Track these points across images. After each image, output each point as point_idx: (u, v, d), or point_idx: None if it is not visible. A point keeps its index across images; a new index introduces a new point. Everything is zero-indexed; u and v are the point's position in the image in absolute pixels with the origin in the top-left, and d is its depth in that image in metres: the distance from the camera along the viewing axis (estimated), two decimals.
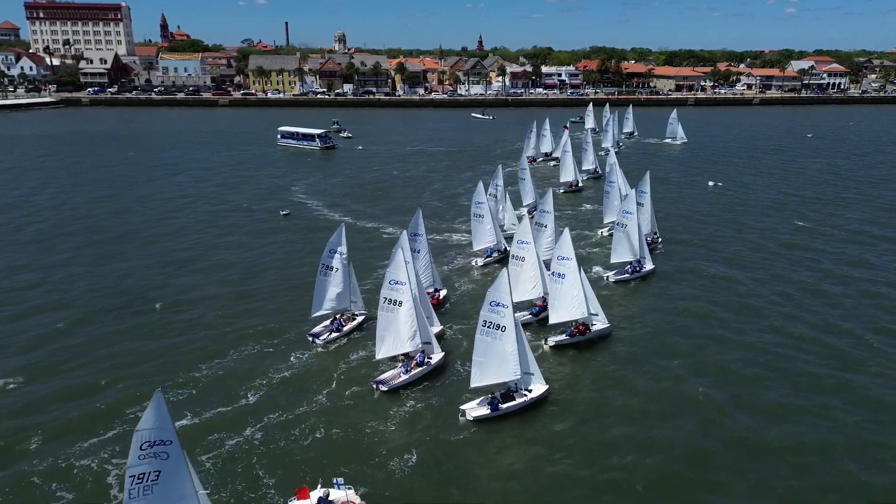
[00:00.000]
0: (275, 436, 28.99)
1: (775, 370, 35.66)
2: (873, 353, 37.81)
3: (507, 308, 30.55)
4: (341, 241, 37.94)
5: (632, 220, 48.41)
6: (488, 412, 30.50)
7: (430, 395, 32.80)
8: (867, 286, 47.98)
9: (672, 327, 40.90)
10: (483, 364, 31.04)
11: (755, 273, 50.65)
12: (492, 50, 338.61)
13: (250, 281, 48.22)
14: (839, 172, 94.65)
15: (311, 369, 35.12)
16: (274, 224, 64.02)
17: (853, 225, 64.97)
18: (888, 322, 41.81)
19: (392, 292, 33.71)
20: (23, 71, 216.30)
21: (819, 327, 40.97)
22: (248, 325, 40.10)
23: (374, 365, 34.86)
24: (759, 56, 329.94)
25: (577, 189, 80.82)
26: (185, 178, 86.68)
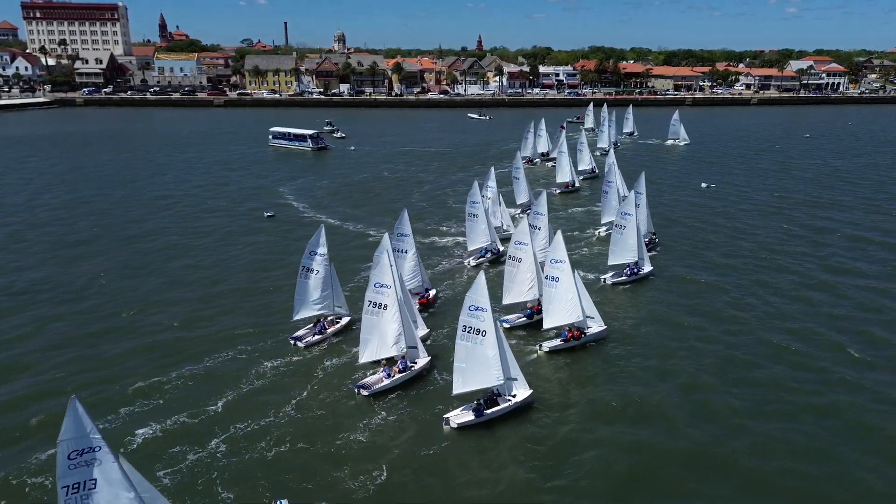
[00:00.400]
0: (241, 447, 27.91)
1: (771, 377, 34.80)
2: (874, 360, 36.96)
3: (487, 312, 29.84)
4: (321, 242, 37.40)
5: (630, 221, 47.76)
6: (473, 418, 29.66)
7: (413, 401, 31.98)
8: (857, 292, 47.05)
9: (668, 332, 39.98)
10: (465, 370, 30.32)
11: (748, 277, 49.61)
12: (491, 50, 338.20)
13: (228, 284, 47.23)
14: (835, 173, 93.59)
15: (289, 374, 34.20)
16: (257, 225, 63.03)
17: (846, 229, 63.86)
18: (878, 329, 40.87)
19: (377, 295, 33.22)
20: (17, 71, 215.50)
21: (814, 334, 40.04)
22: (225, 330, 39.10)
23: (357, 369, 34.12)
24: (759, 56, 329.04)
25: (574, 189, 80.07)
26: (170, 179, 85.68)
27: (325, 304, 38.20)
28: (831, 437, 29.61)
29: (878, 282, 48.94)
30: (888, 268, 52.06)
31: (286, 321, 38.65)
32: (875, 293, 46.59)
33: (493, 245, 52.39)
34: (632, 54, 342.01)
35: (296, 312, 37.74)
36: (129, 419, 29.70)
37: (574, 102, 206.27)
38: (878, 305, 44.45)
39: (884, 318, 42.34)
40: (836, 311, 43.34)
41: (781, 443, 29.08)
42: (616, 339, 38.84)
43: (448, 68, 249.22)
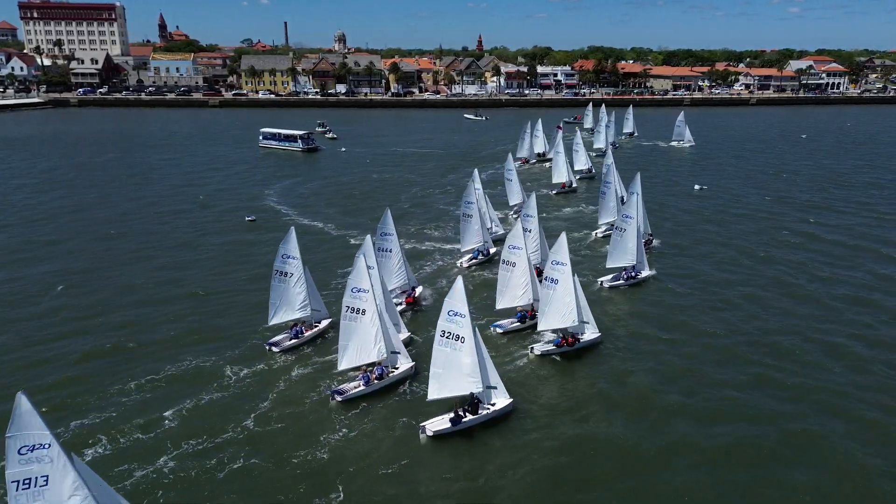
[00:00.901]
0: (201, 457, 26.94)
1: (766, 387, 33.73)
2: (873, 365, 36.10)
3: (465, 318, 29.13)
4: (293, 245, 36.74)
5: (631, 224, 46.95)
6: (449, 427, 28.66)
7: (390, 408, 31.12)
8: (852, 295, 46.20)
9: (662, 339, 38.98)
10: (441, 376, 29.53)
11: (748, 283, 48.65)
12: (491, 50, 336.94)
13: (203, 288, 46.08)
14: (829, 176, 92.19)
15: (261, 381, 33.24)
16: (237, 229, 61.88)
17: (835, 235, 62.62)
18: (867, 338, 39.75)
19: (355, 300, 32.45)
20: (12, 71, 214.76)
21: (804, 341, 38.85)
22: (195, 336, 38.04)
23: (334, 375, 33.15)
24: (760, 56, 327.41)
25: (571, 190, 79.38)
26: (150, 181, 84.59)
27: (301, 308, 37.44)
28: (838, 446, 28.77)
29: (876, 283, 48.26)
30: (883, 273, 51.04)
31: (262, 326, 37.83)
32: (870, 294, 46.11)
33: (485, 246, 52.03)
34: (631, 54, 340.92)
35: (271, 317, 37.03)
36: (78, 431, 28.60)
37: (572, 103, 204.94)
38: (876, 306, 43.94)
39: (882, 320, 41.80)
40: (834, 315, 42.64)
41: (782, 457, 28.07)
42: (609, 345, 37.97)
43: (446, 68, 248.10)
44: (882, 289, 47.51)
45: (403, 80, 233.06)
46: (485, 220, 53.72)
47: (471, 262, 51.30)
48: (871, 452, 28.41)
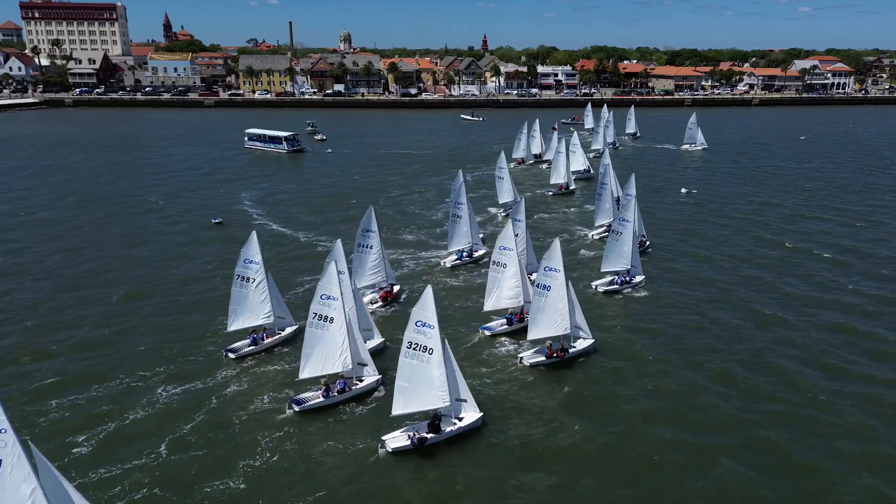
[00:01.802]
0: (138, 470, 26.12)
1: (759, 400, 32.55)
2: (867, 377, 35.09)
3: (434, 329, 28.15)
4: (254, 249, 36.04)
5: (628, 228, 46.58)
6: (409, 444, 27.55)
7: (350, 420, 30.22)
8: (847, 302, 45.22)
9: (655, 346, 38.35)
10: (407, 390, 28.36)
11: (738, 288, 48.00)
12: (496, 49, 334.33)
13: (158, 293, 45.22)
14: (823, 179, 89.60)
15: (215, 388, 32.40)
16: (202, 232, 60.45)
17: (824, 244, 60.32)
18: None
19: (323, 307, 31.63)
20: (9, 71, 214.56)
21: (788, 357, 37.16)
22: (147, 342, 37.26)
23: (293, 384, 32.29)
24: (767, 55, 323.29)
25: (569, 192, 78.67)
26: (126, 182, 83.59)
27: (263, 314, 36.61)
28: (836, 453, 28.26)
29: (869, 289, 47.30)
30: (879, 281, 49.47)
31: (221, 332, 37.06)
32: (862, 301, 45.53)
33: (472, 248, 52.14)
34: (635, 54, 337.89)
35: (230, 323, 36.28)
36: None
37: (571, 103, 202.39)
38: (872, 312, 43.54)
39: (880, 324, 41.49)
40: (831, 320, 42.01)
41: (779, 471, 27.13)
42: (601, 353, 37.10)
43: (446, 68, 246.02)
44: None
45: (402, 80, 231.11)
46: (473, 223, 53.31)
47: (454, 263, 51.25)
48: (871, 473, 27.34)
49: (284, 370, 34.38)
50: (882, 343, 38.90)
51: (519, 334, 38.17)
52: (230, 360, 34.92)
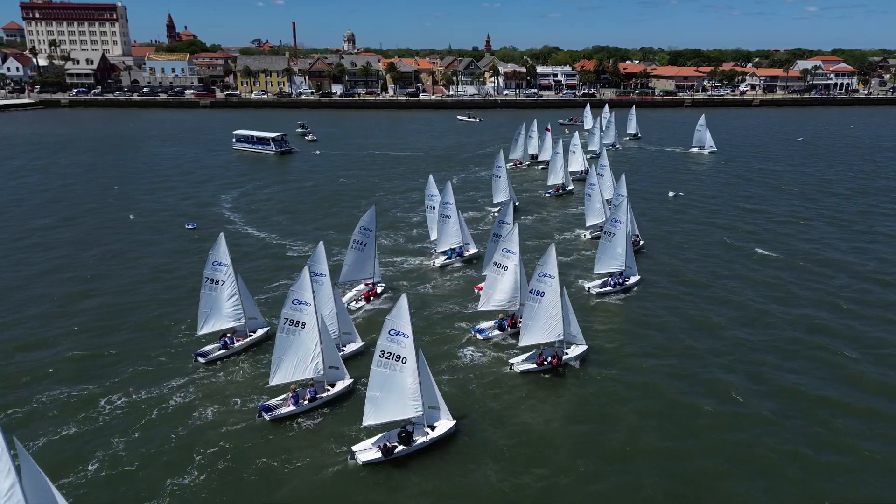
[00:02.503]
0: (99, 481, 25.43)
1: (753, 411, 31.61)
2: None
3: (408, 338, 27.56)
4: (222, 251, 35.69)
5: (620, 229, 46.08)
6: (380, 457, 26.80)
7: (322, 428, 29.53)
8: (845, 308, 44.25)
9: (648, 350, 37.70)
10: (379, 399, 27.77)
11: (735, 289, 47.50)
12: (500, 50, 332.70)
13: (125, 297, 44.41)
14: (816, 183, 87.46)
15: (183, 394, 31.96)
16: (175, 237, 59.31)
17: (811, 255, 58.80)
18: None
19: (294, 313, 30.99)
20: (8, 71, 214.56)
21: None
22: (113, 347, 36.70)
23: (262, 390, 31.86)
24: (770, 55, 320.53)
25: (567, 192, 78.22)
26: (105, 184, 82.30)
27: (233, 317, 36.17)
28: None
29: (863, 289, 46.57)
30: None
31: (190, 337, 36.82)
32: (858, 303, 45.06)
33: (463, 247, 52.14)
34: (637, 54, 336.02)
35: (200, 326, 35.81)
36: None
37: (570, 103, 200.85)
38: (874, 317, 42.85)
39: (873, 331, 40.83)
40: (829, 326, 41.22)
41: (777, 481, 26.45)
42: (592, 359, 36.36)
43: (445, 69, 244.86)
44: None
45: (401, 80, 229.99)
46: (463, 223, 53.46)
47: (445, 262, 51.24)
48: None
49: (254, 375, 33.87)
50: (881, 345, 38.55)
51: (514, 344, 37.36)
52: (200, 365, 34.51)
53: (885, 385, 33.98)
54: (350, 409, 30.65)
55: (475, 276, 48.16)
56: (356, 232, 43.34)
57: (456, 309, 42.97)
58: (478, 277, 47.08)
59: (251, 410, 30.45)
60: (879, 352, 37.67)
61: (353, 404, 30.77)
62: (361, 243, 43.33)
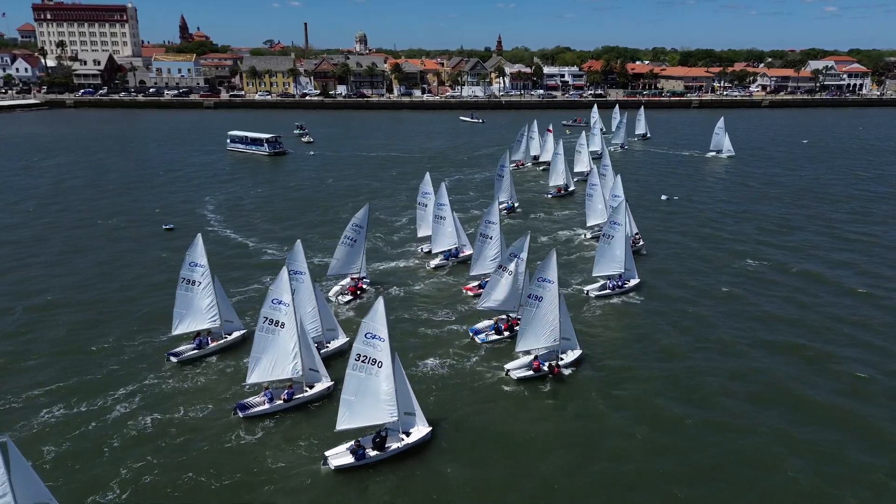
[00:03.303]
0: (64, 480, 25.24)
1: (752, 422, 30.78)
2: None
3: (384, 342, 27.30)
4: (199, 251, 35.83)
5: (619, 231, 45.58)
6: (352, 461, 26.60)
7: (296, 430, 29.29)
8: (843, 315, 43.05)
9: (645, 356, 36.87)
10: (353, 404, 27.51)
11: (737, 293, 46.57)
12: (511, 50, 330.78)
13: (96, 297, 44.34)
14: (815, 189, 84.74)
15: (152, 393, 32.00)
16: (151, 238, 58.74)
17: (819, 264, 56.99)
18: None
19: (273, 312, 31.13)
20: (17, 71, 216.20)
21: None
22: (87, 347, 36.78)
23: (239, 388, 32.02)
24: (783, 56, 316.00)
25: (569, 193, 77.95)
26: (91, 183, 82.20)
27: (209, 317, 36.20)
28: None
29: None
30: None
31: (165, 336, 36.84)
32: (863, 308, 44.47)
33: (457, 248, 52.10)
34: (648, 54, 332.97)
35: (175, 327, 35.98)
36: None
37: (575, 104, 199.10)
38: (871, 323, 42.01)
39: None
40: (829, 336, 40.04)
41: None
42: (587, 362, 36.03)
43: (451, 69, 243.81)
44: None
45: (406, 80, 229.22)
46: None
47: (440, 263, 51.31)
48: None
49: (228, 375, 33.75)
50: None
51: (511, 347, 37.05)
52: (172, 365, 34.53)
53: None
54: (327, 411, 30.28)
55: (470, 277, 48.01)
56: (348, 228, 44.56)
57: (448, 311, 42.78)
58: (470, 279, 46.94)
59: (222, 411, 30.32)
60: (889, 361, 36.90)
61: (331, 407, 30.37)
62: (352, 239, 44.53)
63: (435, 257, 51.96)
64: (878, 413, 31.44)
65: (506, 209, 67.69)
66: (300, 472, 26.42)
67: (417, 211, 54.66)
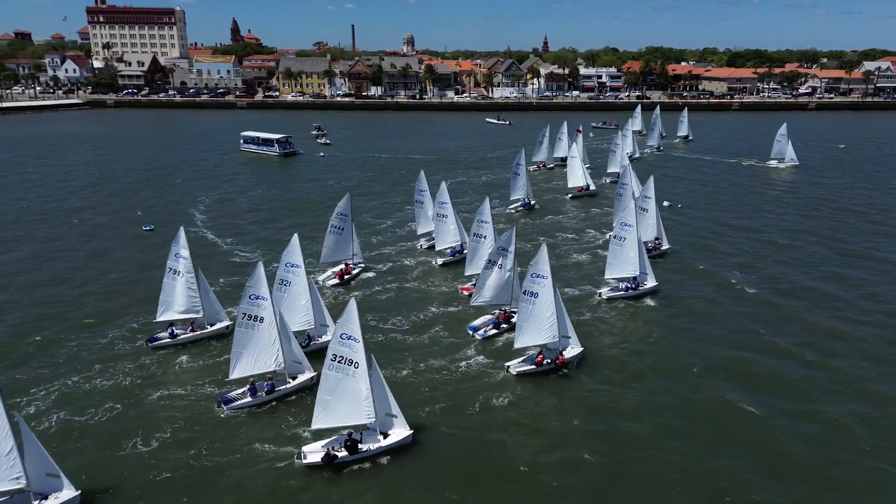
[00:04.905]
0: None
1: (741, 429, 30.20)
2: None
3: (359, 343, 27.46)
4: (182, 243, 37.38)
5: (631, 233, 45.04)
6: (320, 461, 26.71)
7: (277, 423, 29.92)
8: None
9: (653, 366, 35.82)
10: (330, 403, 27.68)
11: (759, 299, 45.17)
12: (559, 50, 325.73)
13: (77, 293, 45.69)
14: (834, 199, 77.68)
15: (133, 381, 33.16)
16: (129, 239, 59.25)
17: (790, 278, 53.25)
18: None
19: (252, 307, 31.94)
20: (66, 72, 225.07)
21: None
22: (69, 336, 38.23)
23: (214, 380, 33.22)
24: (842, 56, 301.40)
25: (590, 194, 77.88)
26: (91, 182, 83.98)
27: (191, 308, 37.67)
28: None
29: None
30: None
31: (146, 321, 39.09)
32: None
33: (461, 245, 52.69)
34: (694, 55, 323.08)
35: (160, 314, 37.70)
36: None
37: (606, 106, 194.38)
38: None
39: None
40: (838, 350, 38.12)
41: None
42: (588, 364, 35.64)
43: (487, 70, 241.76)
44: None
45: (440, 81, 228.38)
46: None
47: (445, 260, 52.23)
48: None
49: (207, 363, 35.15)
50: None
51: (507, 341, 37.33)
52: (151, 352, 36.12)
53: None
54: (310, 406, 30.12)
55: (465, 277, 47.83)
56: (333, 217, 47.14)
57: (445, 310, 42.99)
58: (465, 279, 47.12)
59: (200, 397, 31.52)
60: None
61: (314, 401, 30.34)
62: (339, 227, 47.22)
63: (441, 255, 52.86)
64: None
65: (522, 206, 70.09)
66: (277, 467, 26.84)
67: (415, 208, 56.54)
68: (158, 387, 32.64)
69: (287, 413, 30.80)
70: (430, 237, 54.74)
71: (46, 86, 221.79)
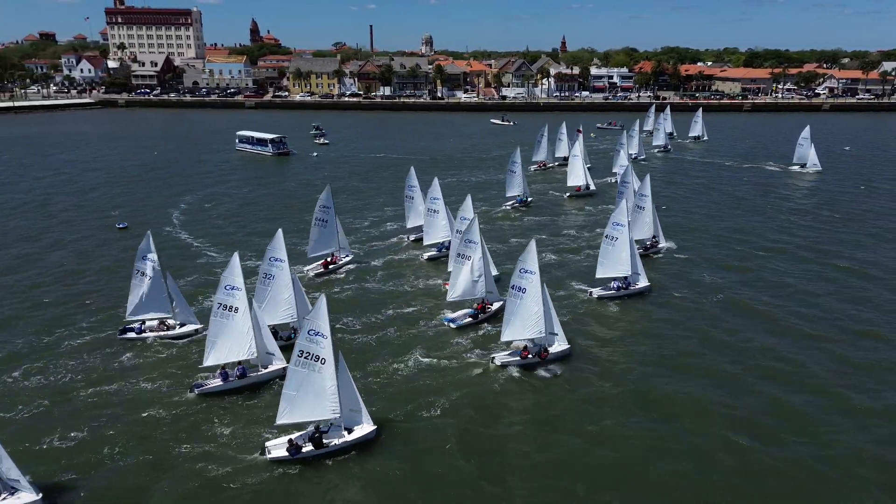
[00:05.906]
0: None
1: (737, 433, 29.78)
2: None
3: (327, 339, 27.69)
4: (150, 247, 37.88)
5: (623, 233, 45.14)
6: (287, 455, 27.00)
7: (245, 414, 30.55)
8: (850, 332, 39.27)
9: (641, 364, 35.84)
10: (295, 399, 27.95)
11: (754, 300, 44.90)
12: (578, 50, 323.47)
13: (47, 290, 45.96)
14: (833, 204, 74.75)
15: (103, 372, 33.96)
16: (102, 237, 59.72)
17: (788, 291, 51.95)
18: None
19: (227, 298, 32.76)
20: (81, 72, 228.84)
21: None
22: (38, 329, 39.06)
23: (188, 368, 34.20)
24: (864, 56, 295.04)
25: (588, 194, 78.23)
26: (72, 180, 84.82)
27: (160, 308, 38.24)
28: None
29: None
30: None
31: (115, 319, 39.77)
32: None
33: (450, 241, 52.45)
34: (710, 55, 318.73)
35: (129, 313, 38.31)
36: None
37: (615, 107, 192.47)
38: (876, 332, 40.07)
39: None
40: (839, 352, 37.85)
41: None
42: (574, 363, 35.81)
43: (498, 70, 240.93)
44: None
45: (449, 82, 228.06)
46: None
47: (431, 255, 52.85)
48: None
49: (179, 355, 36.09)
50: None
51: (495, 341, 37.37)
52: (125, 343, 37.04)
53: None
54: (278, 398, 30.37)
55: (425, 247, 49.90)
56: (317, 209, 48.14)
57: (426, 305, 43.27)
58: (425, 249, 49.43)
59: (171, 386, 32.49)
60: None
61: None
62: (323, 220, 48.25)
63: (428, 249, 53.23)
64: None
65: (517, 203, 71.03)
66: (242, 459, 27.13)
67: (405, 203, 57.23)
68: (126, 376, 33.37)
69: (254, 407, 31.22)
70: (418, 231, 55.27)
71: (61, 85, 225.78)
